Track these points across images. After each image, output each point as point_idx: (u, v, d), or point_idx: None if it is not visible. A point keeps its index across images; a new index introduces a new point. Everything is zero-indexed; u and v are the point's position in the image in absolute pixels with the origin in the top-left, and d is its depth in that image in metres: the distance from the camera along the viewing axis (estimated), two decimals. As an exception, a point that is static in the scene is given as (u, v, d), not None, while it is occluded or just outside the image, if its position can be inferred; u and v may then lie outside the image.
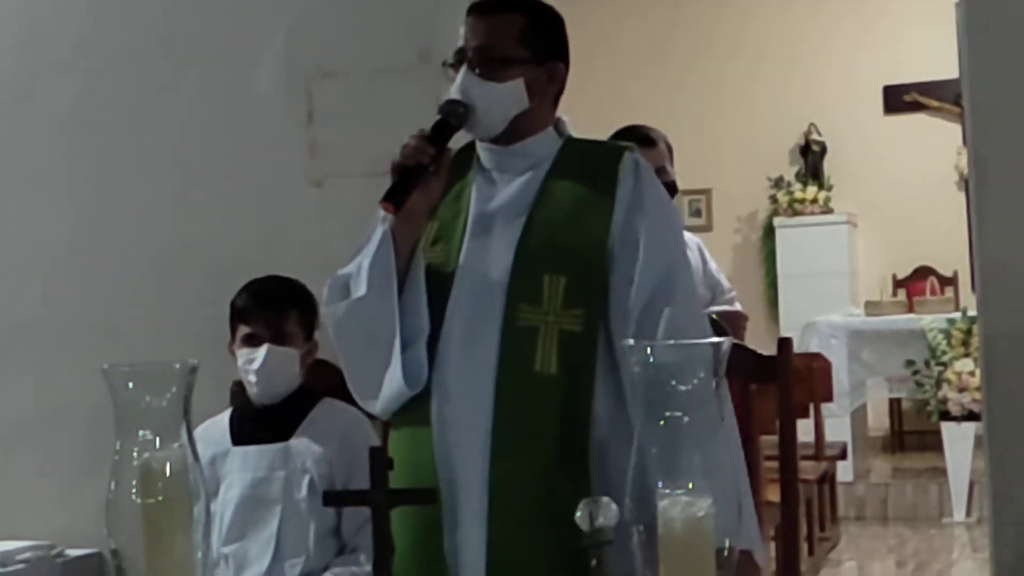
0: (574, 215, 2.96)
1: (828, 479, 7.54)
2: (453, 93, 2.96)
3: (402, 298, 2.93)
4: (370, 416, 3.82)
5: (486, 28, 2.98)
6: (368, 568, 3.72)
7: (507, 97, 2.98)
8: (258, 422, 3.89)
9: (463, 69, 2.96)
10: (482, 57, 2.96)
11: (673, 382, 1.68)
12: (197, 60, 4.81)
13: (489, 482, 2.83)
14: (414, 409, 2.93)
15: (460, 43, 3.00)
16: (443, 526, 2.84)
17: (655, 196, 3.01)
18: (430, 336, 2.93)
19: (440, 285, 2.96)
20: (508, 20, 3.00)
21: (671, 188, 4.55)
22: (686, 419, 1.68)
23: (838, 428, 8.47)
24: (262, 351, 3.84)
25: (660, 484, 1.67)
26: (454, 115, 2.93)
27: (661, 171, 4.43)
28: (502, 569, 2.81)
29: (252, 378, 3.86)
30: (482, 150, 3.09)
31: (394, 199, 2.86)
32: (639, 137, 4.59)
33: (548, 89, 3.06)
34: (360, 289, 2.94)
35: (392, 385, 2.92)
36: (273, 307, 3.90)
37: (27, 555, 4.63)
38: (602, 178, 2.99)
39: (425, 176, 2.88)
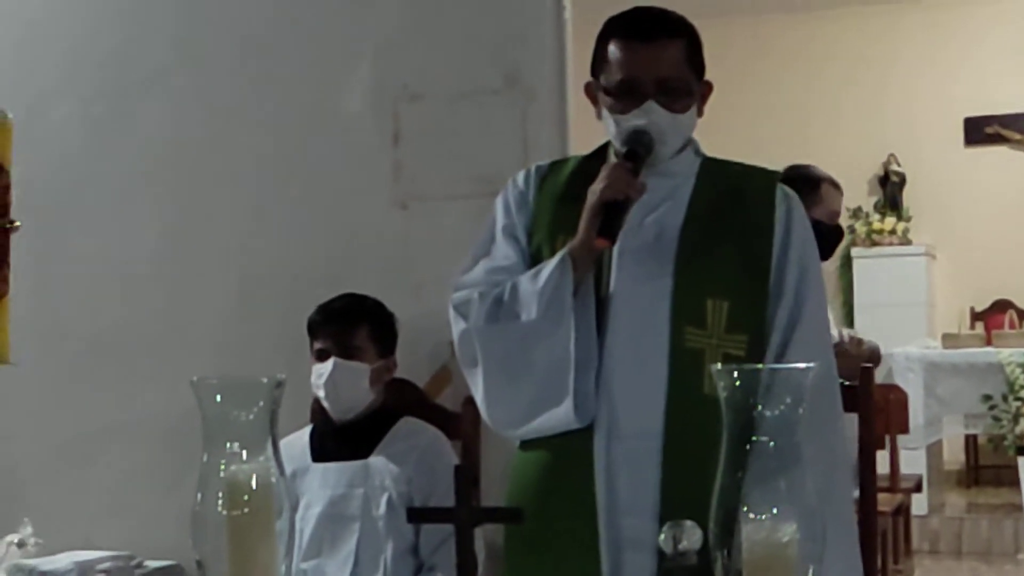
0: (732, 239, 2.89)
1: (903, 511, 7.45)
2: (638, 123, 2.84)
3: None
4: (452, 436, 3.85)
5: (660, 57, 2.87)
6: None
7: (686, 127, 2.93)
8: (338, 439, 3.93)
9: (648, 102, 2.83)
10: (666, 88, 2.86)
11: (760, 407, 1.68)
12: (284, 81, 4.85)
13: (660, 506, 2.76)
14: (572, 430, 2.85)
15: (620, 74, 2.86)
16: (601, 550, 2.80)
17: (803, 227, 2.96)
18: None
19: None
20: (677, 46, 2.89)
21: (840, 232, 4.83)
22: (772, 444, 1.68)
23: (913, 460, 8.38)
24: (328, 364, 3.88)
25: (744, 509, 1.67)
26: (642, 145, 2.83)
27: (836, 215, 4.59)
28: None
29: (321, 392, 3.90)
30: None
31: (610, 234, 2.77)
32: (817, 178, 4.73)
33: (702, 108, 2.98)
34: (528, 312, 2.83)
35: (555, 416, 2.83)
36: (340, 322, 3.93)
37: (107, 565, 4.66)
38: (757, 204, 2.93)
39: (630, 206, 2.80)
